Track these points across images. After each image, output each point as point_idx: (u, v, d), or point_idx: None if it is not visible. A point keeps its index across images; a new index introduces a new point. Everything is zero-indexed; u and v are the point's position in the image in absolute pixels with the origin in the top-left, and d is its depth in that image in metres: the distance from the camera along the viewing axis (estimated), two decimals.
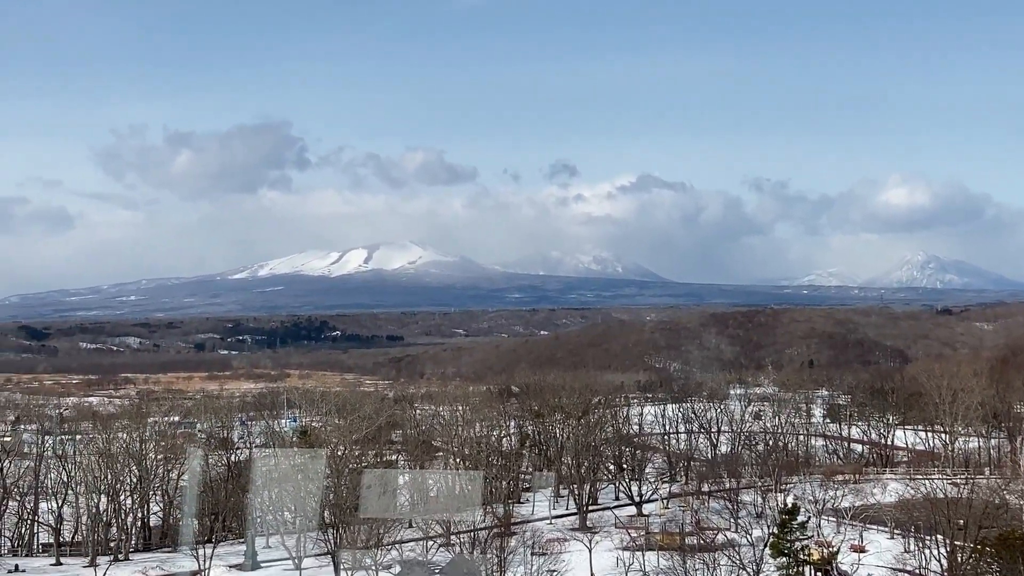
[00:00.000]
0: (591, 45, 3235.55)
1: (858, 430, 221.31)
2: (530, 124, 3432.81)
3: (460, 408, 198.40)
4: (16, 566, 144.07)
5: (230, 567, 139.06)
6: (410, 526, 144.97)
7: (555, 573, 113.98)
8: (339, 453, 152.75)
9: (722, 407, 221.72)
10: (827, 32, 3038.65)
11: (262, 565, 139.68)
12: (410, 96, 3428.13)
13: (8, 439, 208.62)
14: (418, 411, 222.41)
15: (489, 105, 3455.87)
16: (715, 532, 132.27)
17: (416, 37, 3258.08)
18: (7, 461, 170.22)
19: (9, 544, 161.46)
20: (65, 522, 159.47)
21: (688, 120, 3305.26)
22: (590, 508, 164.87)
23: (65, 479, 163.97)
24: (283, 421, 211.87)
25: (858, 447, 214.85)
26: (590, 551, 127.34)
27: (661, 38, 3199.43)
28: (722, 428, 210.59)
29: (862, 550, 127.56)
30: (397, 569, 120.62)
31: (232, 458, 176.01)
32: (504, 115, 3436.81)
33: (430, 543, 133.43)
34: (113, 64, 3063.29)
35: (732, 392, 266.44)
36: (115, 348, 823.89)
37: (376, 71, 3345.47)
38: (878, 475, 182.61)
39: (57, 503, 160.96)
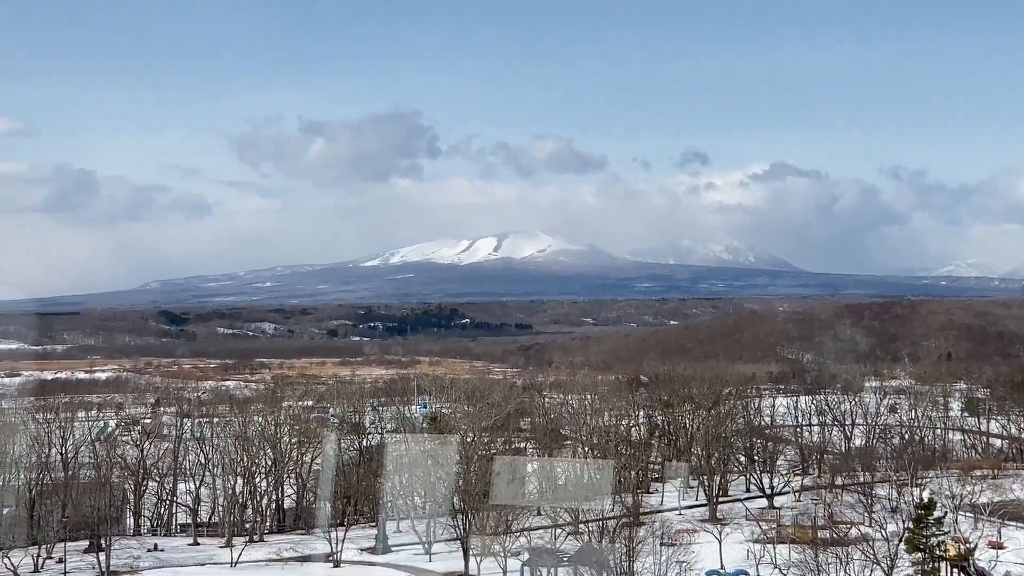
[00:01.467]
0: (722, 33, 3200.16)
1: (997, 424, 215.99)
2: (660, 112, 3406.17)
3: (589, 397, 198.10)
4: (155, 545, 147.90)
5: (362, 550, 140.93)
6: (538, 514, 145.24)
7: (684, 564, 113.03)
8: (468, 440, 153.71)
9: (856, 399, 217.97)
10: (964, 19, 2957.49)
11: (392, 549, 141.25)
12: (540, 85, 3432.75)
13: (149, 421, 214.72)
14: (547, 399, 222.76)
15: (619, 93, 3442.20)
16: (848, 526, 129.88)
17: (546, 26, 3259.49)
18: (148, 443, 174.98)
19: (149, 524, 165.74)
20: (202, 503, 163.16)
21: (823, 107, 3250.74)
22: (720, 499, 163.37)
23: (203, 461, 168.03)
24: (413, 407, 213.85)
25: (997, 442, 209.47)
26: (720, 543, 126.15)
27: (795, 26, 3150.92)
28: (856, 421, 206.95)
29: (1000, 547, 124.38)
30: (525, 556, 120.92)
31: (364, 443, 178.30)
32: (634, 103, 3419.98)
33: (558, 531, 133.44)
34: (249, 56, 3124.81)
35: (867, 384, 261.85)
36: (251, 333, 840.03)
37: (505, 60, 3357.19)
38: (1018, 470, 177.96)
39: (195, 484, 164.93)
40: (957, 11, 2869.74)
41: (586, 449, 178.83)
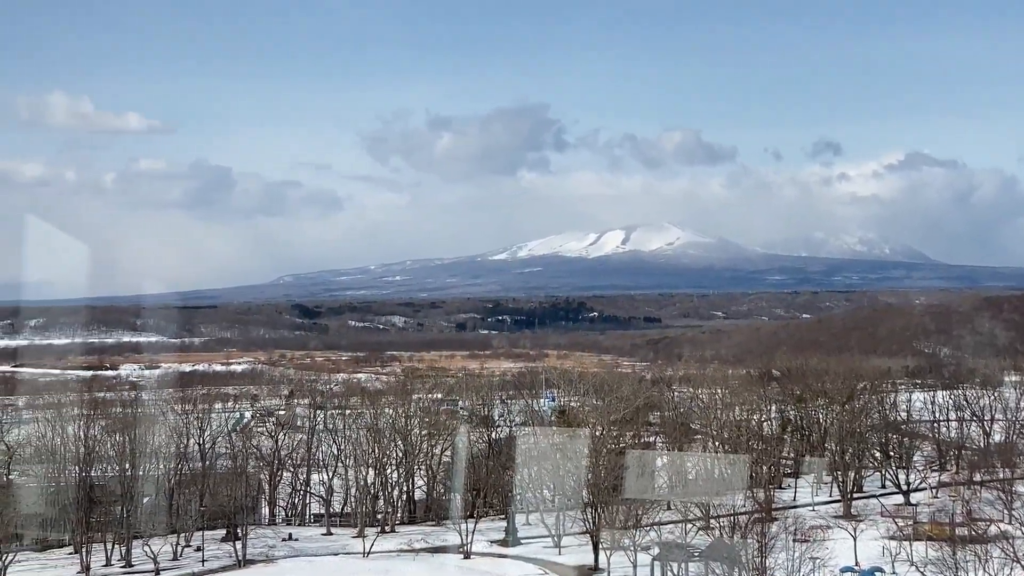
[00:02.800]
0: (853, 19, 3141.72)
1: None
2: (791, 102, 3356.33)
3: (719, 391, 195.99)
4: (290, 534, 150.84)
5: (491, 542, 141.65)
6: (668, 508, 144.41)
7: (818, 560, 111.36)
8: (597, 433, 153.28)
9: (996, 394, 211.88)
10: None
11: (522, 541, 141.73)
12: (667, 76, 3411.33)
13: (283, 413, 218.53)
14: (676, 393, 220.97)
15: (749, 83, 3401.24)
16: (987, 523, 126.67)
17: (672, 16, 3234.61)
18: (282, 434, 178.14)
19: (283, 513, 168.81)
20: (335, 493, 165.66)
21: (960, 95, 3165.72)
22: (854, 496, 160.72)
23: (335, 452, 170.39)
24: (541, 400, 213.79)
25: None
26: (854, 539, 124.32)
27: (930, 11, 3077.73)
28: (996, 416, 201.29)
29: None
30: (655, 551, 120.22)
31: (492, 436, 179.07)
32: (765, 93, 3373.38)
33: (689, 526, 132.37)
34: (379, 53, 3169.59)
35: (1007, 379, 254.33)
36: (381, 326, 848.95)
37: (632, 52, 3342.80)
38: None
39: (328, 475, 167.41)
40: None
41: (716, 444, 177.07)
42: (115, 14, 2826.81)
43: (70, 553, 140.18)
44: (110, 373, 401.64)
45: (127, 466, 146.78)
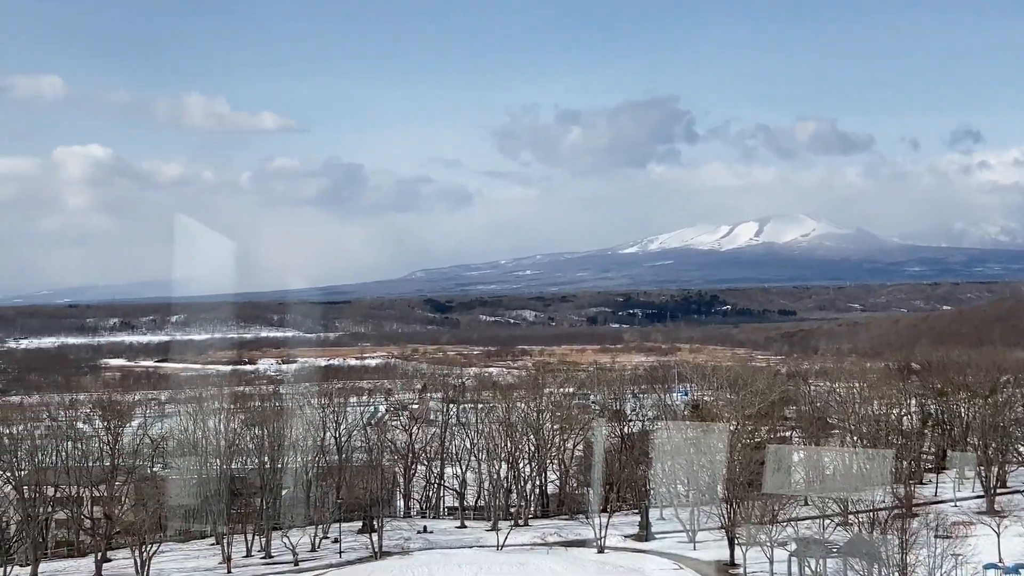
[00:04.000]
0: (988, 3, 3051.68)
1: None
2: (929, 89, 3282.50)
3: (857, 385, 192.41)
4: (425, 527, 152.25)
5: (625, 537, 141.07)
6: (805, 504, 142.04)
7: (960, 557, 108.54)
8: (732, 428, 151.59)
9: None
10: None
11: (656, 536, 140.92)
12: (800, 65, 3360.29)
13: (416, 406, 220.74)
14: (812, 387, 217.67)
15: (884, 70, 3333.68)
16: None
17: (803, 4, 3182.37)
18: (416, 427, 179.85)
19: (418, 506, 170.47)
20: (468, 487, 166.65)
21: None
22: (998, 491, 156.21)
23: (468, 446, 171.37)
24: (674, 395, 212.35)
25: None
26: (998, 536, 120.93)
27: None
28: None
29: None
30: (792, 546, 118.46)
31: (625, 430, 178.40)
32: (900, 81, 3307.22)
33: (827, 522, 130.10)
34: (507, 47, 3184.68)
35: None
36: (512, 321, 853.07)
37: (763, 41, 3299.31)
38: None
39: (461, 468, 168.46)
40: None
41: (854, 439, 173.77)
42: (249, 16, 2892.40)
43: (212, 544, 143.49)
44: (249, 368, 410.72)
45: (266, 459, 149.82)
